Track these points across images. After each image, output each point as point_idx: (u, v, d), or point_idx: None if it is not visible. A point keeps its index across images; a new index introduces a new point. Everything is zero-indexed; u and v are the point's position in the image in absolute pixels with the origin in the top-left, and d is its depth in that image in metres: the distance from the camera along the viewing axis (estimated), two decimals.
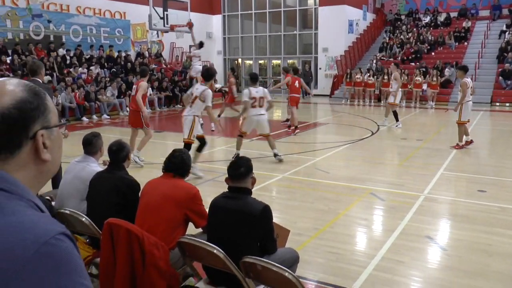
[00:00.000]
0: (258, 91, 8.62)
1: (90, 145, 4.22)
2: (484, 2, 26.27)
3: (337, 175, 7.86)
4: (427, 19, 26.96)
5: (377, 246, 4.77)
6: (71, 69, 17.53)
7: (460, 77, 10.29)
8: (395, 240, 4.91)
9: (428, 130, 13.09)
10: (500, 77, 20.23)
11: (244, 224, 3.08)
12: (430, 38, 24.90)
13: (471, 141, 10.21)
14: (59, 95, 15.37)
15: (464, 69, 9.97)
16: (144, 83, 8.64)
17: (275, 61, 27.99)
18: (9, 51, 16.67)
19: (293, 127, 12.24)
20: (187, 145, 7.34)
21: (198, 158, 7.88)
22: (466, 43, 24.26)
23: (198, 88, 7.61)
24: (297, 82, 12.78)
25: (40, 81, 5.97)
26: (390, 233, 5.12)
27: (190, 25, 16.19)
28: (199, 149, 7.89)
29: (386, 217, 5.89)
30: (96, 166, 4.17)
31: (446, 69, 21.48)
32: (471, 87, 10.09)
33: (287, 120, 13.77)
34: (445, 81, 20.98)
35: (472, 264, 4.37)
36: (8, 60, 16.22)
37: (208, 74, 7.83)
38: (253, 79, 8.98)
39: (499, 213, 5.87)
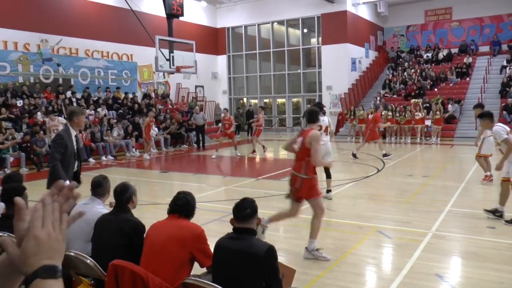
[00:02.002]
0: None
1: (100, 187, 4.28)
2: (484, 38, 26.70)
3: (343, 213, 7.82)
4: (429, 56, 27.34)
5: (386, 285, 4.70)
6: None
7: (486, 126, 8.27)
8: (403, 279, 4.83)
9: (434, 166, 13.06)
10: (504, 112, 20.30)
11: (249, 264, 3.07)
12: (432, 74, 25.19)
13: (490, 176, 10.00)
14: None
15: (490, 116, 8.09)
16: None
17: (280, 100, 28.29)
18: (20, 94, 17.02)
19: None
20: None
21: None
22: (468, 79, 24.51)
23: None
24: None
25: (70, 128, 5.75)
26: (399, 271, 5.05)
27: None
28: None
29: (394, 255, 5.82)
30: (102, 208, 4.20)
31: (449, 105, 21.60)
32: None
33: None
34: (449, 117, 21.07)
35: None
36: (19, 103, 16.52)
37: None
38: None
39: (509, 249, 5.79)
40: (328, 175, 8.99)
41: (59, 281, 1.04)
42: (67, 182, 5.10)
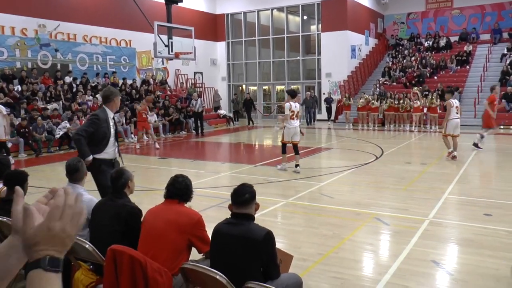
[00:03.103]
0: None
1: (78, 172, 4.24)
2: (485, 26, 26.56)
3: (341, 200, 7.85)
4: (430, 43, 27.22)
5: (382, 271, 4.74)
6: (77, 97, 17.75)
7: (447, 98, 12.01)
8: (400, 265, 4.87)
9: (432, 154, 13.06)
10: (503, 100, 20.26)
11: (247, 249, 3.09)
12: (432, 62, 25.12)
13: (454, 156, 11.46)
14: (62, 122, 15.58)
15: (451, 92, 11.85)
16: None
17: (279, 87, 28.23)
18: (16, 80, 16.96)
19: None
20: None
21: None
22: (468, 67, 24.44)
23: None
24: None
25: (109, 110, 5.67)
26: (395, 257, 5.09)
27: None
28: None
29: (391, 242, 5.86)
30: (85, 194, 4.17)
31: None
32: (457, 107, 11.71)
33: None
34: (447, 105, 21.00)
35: None
36: (17, 88, 16.46)
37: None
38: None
39: (506, 237, 5.82)
40: (297, 152, 10.45)
41: (59, 275, 1.02)
42: (90, 157, 5.18)
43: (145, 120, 15.96)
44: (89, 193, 4.36)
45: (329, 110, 23.85)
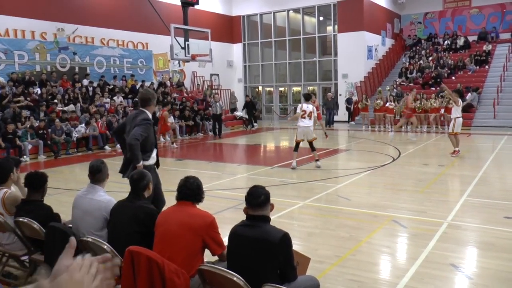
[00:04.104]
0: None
1: (100, 173, 4.27)
2: (505, 24, 26.13)
3: (358, 202, 7.79)
4: (448, 43, 26.86)
5: (400, 274, 4.69)
6: (94, 99, 17.97)
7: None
8: (418, 268, 4.82)
9: (449, 155, 12.89)
10: None
11: (263, 252, 3.09)
12: (450, 62, 24.80)
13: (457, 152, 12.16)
14: (79, 126, 15.80)
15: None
16: None
17: (295, 88, 28.19)
18: (37, 83, 17.25)
19: None
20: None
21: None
22: (487, 67, 24.07)
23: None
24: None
25: (148, 112, 5.39)
26: (413, 261, 5.03)
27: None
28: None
29: (409, 245, 5.79)
30: (103, 195, 4.19)
31: (469, 94, 21.24)
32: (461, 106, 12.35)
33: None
34: (466, 105, 20.73)
35: None
36: (36, 91, 16.73)
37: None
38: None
39: None
40: (313, 149, 10.94)
41: None
42: (141, 163, 5.06)
43: (166, 124, 16.63)
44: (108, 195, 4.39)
45: (349, 110, 23.68)
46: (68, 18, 18.89)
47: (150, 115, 5.41)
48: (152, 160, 5.45)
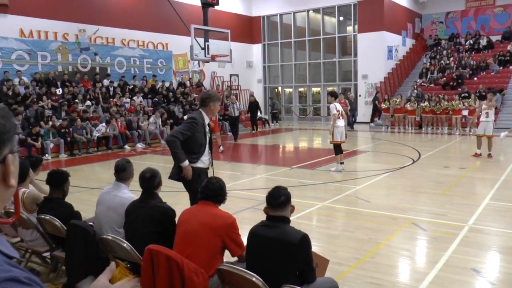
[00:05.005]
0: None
1: (125, 172, 4.31)
2: None
3: (378, 204, 7.73)
4: (471, 42, 26.41)
5: (420, 278, 4.64)
6: (115, 99, 18.19)
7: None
8: (438, 272, 4.75)
9: (471, 158, 12.70)
10: None
11: (282, 253, 3.09)
12: (472, 63, 24.38)
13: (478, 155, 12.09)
14: (99, 125, 15.99)
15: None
16: None
17: (315, 89, 28.09)
18: (58, 83, 17.54)
19: None
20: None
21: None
22: (511, 67, 23.60)
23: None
24: None
25: (202, 112, 5.15)
26: (433, 264, 4.97)
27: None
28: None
29: (429, 248, 5.71)
30: (127, 192, 4.23)
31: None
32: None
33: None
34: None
35: None
36: (58, 91, 17.02)
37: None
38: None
39: None
40: (340, 151, 10.66)
41: None
42: (186, 162, 4.82)
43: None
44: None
45: (373, 111, 23.40)
46: (90, 19, 19.16)
47: (204, 115, 5.16)
48: (201, 164, 5.18)
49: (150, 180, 3.93)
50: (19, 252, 4.97)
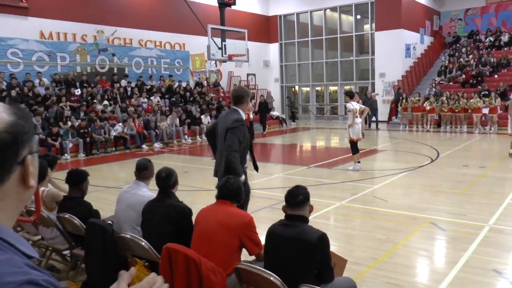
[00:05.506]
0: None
1: (146, 170, 4.36)
2: None
3: (395, 203, 7.66)
4: (491, 39, 25.94)
5: (439, 279, 4.58)
6: (132, 99, 18.36)
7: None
8: (458, 273, 4.69)
9: (491, 156, 12.51)
10: None
11: (301, 252, 3.08)
12: (492, 60, 23.95)
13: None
14: (117, 125, 16.14)
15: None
16: None
17: (332, 88, 27.96)
18: (77, 84, 17.78)
19: None
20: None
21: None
22: None
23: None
24: None
25: (241, 111, 4.85)
26: (453, 265, 4.91)
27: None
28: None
29: (448, 248, 5.64)
30: (147, 191, 4.27)
31: None
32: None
33: None
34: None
35: None
36: (77, 92, 17.24)
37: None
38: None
39: None
40: (357, 150, 10.68)
41: None
42: (243, 177, 4.48)
43: None
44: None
45: (391, 109, 23.03)
46: (107, 21, 19.37)
47: (243, 114, 4.88)
48: (243, 164, 5.00)
49: (166, 179, 3.95)
50: (39, 250, 5.05)
